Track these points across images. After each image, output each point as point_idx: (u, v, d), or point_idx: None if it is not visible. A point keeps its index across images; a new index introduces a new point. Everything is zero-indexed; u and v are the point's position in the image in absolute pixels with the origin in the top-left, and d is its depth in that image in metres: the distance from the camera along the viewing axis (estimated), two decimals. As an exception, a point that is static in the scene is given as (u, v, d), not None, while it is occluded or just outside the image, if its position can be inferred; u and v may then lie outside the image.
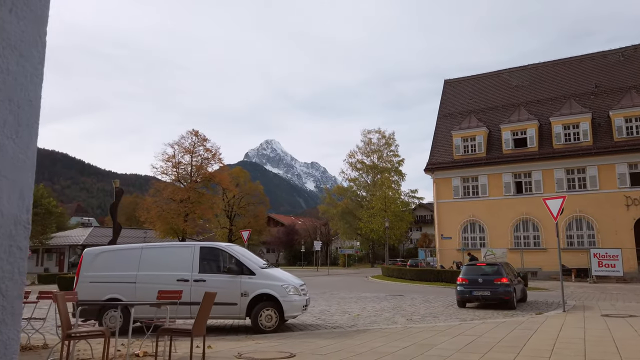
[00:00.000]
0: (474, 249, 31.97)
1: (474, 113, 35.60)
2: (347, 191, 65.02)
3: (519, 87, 35.80)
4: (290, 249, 76.72)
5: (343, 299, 19.32)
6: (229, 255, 10.51)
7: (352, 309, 15.13)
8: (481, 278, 15.29)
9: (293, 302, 10.16)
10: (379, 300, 18.30)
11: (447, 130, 35.55)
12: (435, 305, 16.30)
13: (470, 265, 16.31)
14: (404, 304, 16.75)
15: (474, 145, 33.60)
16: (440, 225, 33.66)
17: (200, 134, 55.74)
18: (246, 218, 60.20)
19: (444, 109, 37.71)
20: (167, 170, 54.25)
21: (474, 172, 32.98)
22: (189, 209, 51.42)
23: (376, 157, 63.95)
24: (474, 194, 32.95)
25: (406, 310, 14.90)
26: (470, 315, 13.62)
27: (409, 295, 20.95)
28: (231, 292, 10.17)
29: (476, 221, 32.59)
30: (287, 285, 10.25)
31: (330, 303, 17.36)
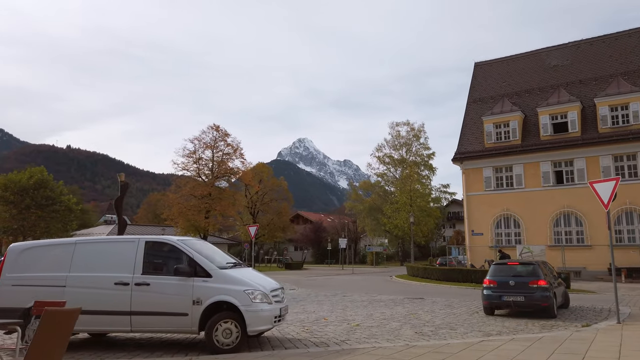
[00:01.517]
0: (507, 247, 28.87)
1: (507, 97, 32.37)
2: (374, 186, 62.23)
3: (558, 67, 32.35)
4: (318, 246, 74.56)
5: (353, 302, 16.92)
6: (180, 252, 8.30)
7: (356, 316, 12.72)
8: (513, 280, 12.58)
9: (259, 312, 7.86)
10: (392, 305, 15.81)
11: (478, 116, 32.47)
12: (458, 312, 13.68)
13: (499, 265, 13.58)
14: (420, 310, 14.21)
15: (508, 131, 30.43)
16: (470, 220, 30.67)
17: (222, 128, 54.27)
18: (269, 215, 58.32)
19: (474, 94, 34.59)
20: (188, 166, 53.01)
21: (508, 161, 29.83)
22: (210, 206, 49.96)
23: (405, 151, 60.95)
24: (508, 186, 29.80)
25: (420, 318, 12.37)
26: (498, 326, 10.98)
27: (430, 298, 18.36)
28: (180, 299, 7.97)
29: (510, 215, 29.46)
30: (252, 291, 7.95)
31: (334, 308, 14.99)
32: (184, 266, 8.08)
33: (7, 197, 43.12)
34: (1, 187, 43.73)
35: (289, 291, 22.82)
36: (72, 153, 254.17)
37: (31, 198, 43.53)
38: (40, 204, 43.78)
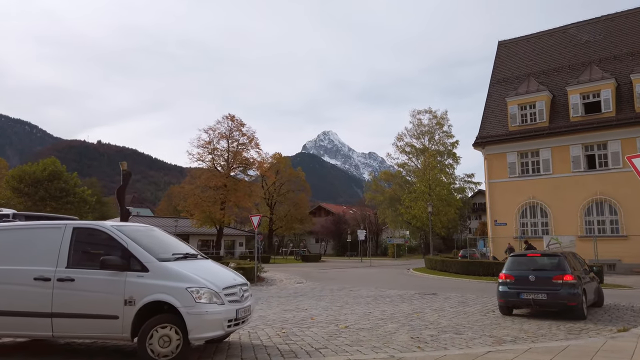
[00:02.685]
0: (534, 237, 26.66)
1: (533, 76, 29.93)
2: (395, 177, 60.09)
3: (590, 42, 29.72)
4: (339, 239, 72.94)
5: (356, 298, 15.30)
6: (114, 241, 6.81)
7: (351, 316, 11.08)
8: (533, 275, 10.71)
9: (204, 315, 6.31)
10: (399, 302, 14.11)
11: (501, 97, 30.15)
12: (470, 311, 11.89)
13: (517, 257, 11.68)
14: (428, 308, 12.47)
15: (534, 113, 28.07)
16: (493, 209, 28.51)
17: (237, 118, 53.06)
18: (286, 206, 56.96)
19: (498, 74, 32.21)
20: (203, 156, 52.03)
21: (534, 145, 27.52)
22: (225, 197, 48.88)
23: (427, 139, 58.57)
24: (535, 172, 27.52)
25: (424, 318, 10.65)
26: (514, 330, 9.19)
27: (444, 293, 16.58)
28: (109, 299, 6.48)
29: (537, 204, 27.21)
30: (197, 289, 6.40)
31: (332, 305, 13.38)
32: (113, 257, 6.57)
33: (21, 189, 42.96)
34: (16, 179, 43.60)
35: (295, 285, 21.39)
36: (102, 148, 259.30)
37: (45, 190, 43.27)
38: (54, 195, 43.48)
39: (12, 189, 42.77)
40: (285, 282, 23.41)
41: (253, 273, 22.01)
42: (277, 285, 21.57)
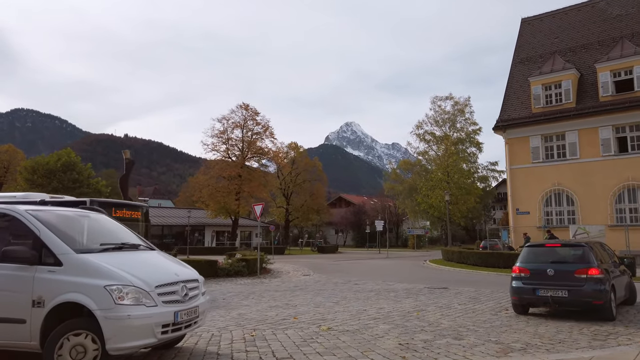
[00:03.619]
0: (559, 227, 24.81)
1: (559, 53, 27.81)
2: (414, 166, 58.12)
3: (621, 16, 27.39)
4: (358, 230, 71.56)
5: (357, 292, 13.98)
6: (24, 227, 5.63)
7: (340, 314, 9.76)
8: (552, 268, 9.18)
9: (126, 320, 5.08)
10: (403, 297, 12.72)
11: (524, 77, 28.13)
12: (480, 309, 10.43)
13: (534, 247, 10.12)
14: (432, 305, 11.06)
15: (559, 93, 26.02)
16: (515, 197, 26.66)
17: (251, 107, 52.01)
18: (302, 196, 55.75)
19: (520, 53, 30.11)
20: (217, 146, 51.21)
21: (560, 128, 25.52)
22: (239, 187, 47.97)
23: (448, 127, 56.34)
24: (560, 156, 25.54)
25: (424, 318, 9.26)
26: (528, 333, 7.72)
27: (456, 287, 15.11)
28: (14, 298, 5.32)
29: (562, 191, 25.25)
30: (119, 287, 5.18)
31: (327, 300, 12.09)
32: (19, 248, 5.39)
33: (35, 180, 42.83)
34: (29, 170, 43.52)
35: (300, 277, 20.19)
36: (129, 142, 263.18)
37: (58, 180, 43.07)
38: (67, 186, 43.21)
39: (26, 180, 42.72)
40: (291, 274, 22.25)
41: (256, 265, 20.91)
42: (281, 278, 20.40)
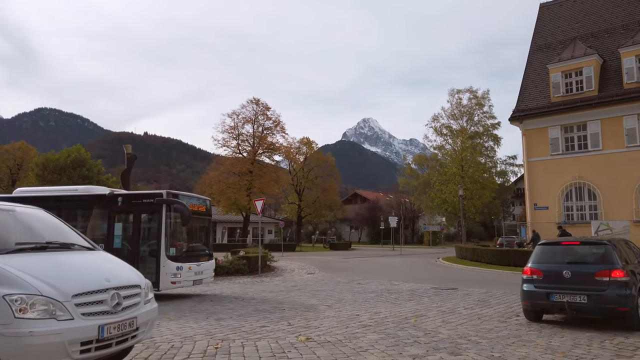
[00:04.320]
0: (580, 223, 23.33)
1: (580, 39, 26.19)
2: (429, 161, 56.62)
3: (648, -2, 25.63)
4: (373, 226, 70.33)
5: (357, 294, 12.95)
6: None
7: (329, 320, 8.74)
8: (569, 269, 8.00)
9: (28, 338, 4.12)
10: (404, 300, 11.65)
11: (542, 65, 26.58)
12: (488, 315, 9.30)
13: (548, 246, 8.93)
14: (436, 309, 9.97)
15: (581, 80, 24.45)
16: (533, 191, 25.19)
17: (262, 102, 51.19)
18: (315, 192, 54.76)
19: (539, 40, 28.51)
20: (228, 142, 50.54)
21: (581, 118, 23.96)
22: (250, 183, 47.22)
23: (465, 121, 54.65)
24: (581, 148, 24.00)
25: (422, 326, 8.18)
26: (540, 347, 6.58)
27: (466, 288, 13.97)
28: None
29: (584, 184, 23.72)
30: (22, 297, 4.22)
31: (322, 303, 11.09)
32: None
33: (45, 177, 42.70)
34: (40, 167, 43.41)
35: (303, 276, 19.23)
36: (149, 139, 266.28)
37: (68, 177, 42.84)
38: (77, 183, 42.95)
39: (36, 176, 42.63)
40: (295, 272, 21.31)
41: (257, 263, 19.99)
42: (283, 276, 19.46)
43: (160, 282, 11.51)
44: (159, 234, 11.74)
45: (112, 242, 12.07)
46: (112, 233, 12.17)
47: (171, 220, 11.94)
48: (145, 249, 12.05)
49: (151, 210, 12.05)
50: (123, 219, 12.40)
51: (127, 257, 11.89)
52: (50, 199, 13.02)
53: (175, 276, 11.71)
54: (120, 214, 12.39)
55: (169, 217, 11.85)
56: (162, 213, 11.76)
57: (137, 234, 12.13)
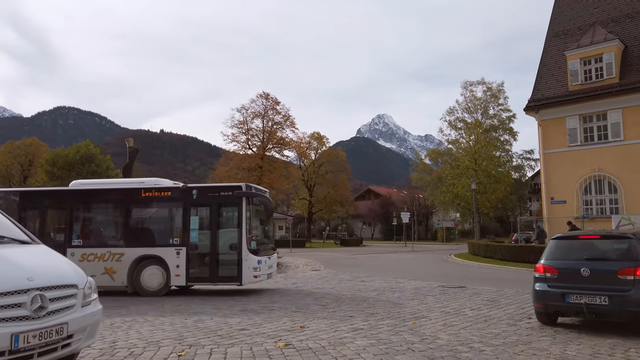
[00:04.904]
0: (600, 218, 22.12)
1: (599, 24, 24.85)
2: (443, 155, 55.29)
3: (673, -21, 24.19)
4: (386, 222, 69.28)
5: (356, 292, 12.18)
6: None
7: (318, 322, 7.91)
8: (588, 267, 7.02)
9: None
10: (407, 299, 10.79)
11: (560, 52, 25.31)
12: (496, 316, 8.38)
13: (563, 240, 7.95)
14: (439, 310, 9.08)
15: (600, 67, 23.15)
16: (549, 184, 24.00)
17: (272, 96, 50.51)
18: (325, 188, 53.93)
19: (556, 26, 27.20)
20: (237, 137, 49.99)
21: (600, 107, 22.69)
22: (260, 179, 46.58)
23: (480, 114, 53.17)
24: (601, 138, 22.73)
25: (420, 330, 7.31)
26: (553, 358, 5.66)
27: (475, 286, 13.04)
28: None
29: (604, 177, 22.48)
30: None
31: (318, 302, 10.30)
32: None
33: (54, 173, 42.57)
34: (49, 163, 43.29)
35: (306, 273, 18.44)
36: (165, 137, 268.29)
37: (77, 173, 42.61)
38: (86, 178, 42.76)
39: (46, 172, 42.53)
40: (299, 269, 20.57)
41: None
42: (285, 273, 18.71)
43: (243, 276, 11.52)
44: (240, 227, 11.64)
45: (188, 236, 11.87)
46: (187, 227, 11.94)
47: (250, 213, 11.92)
48: (225, 243, 11.92)
49: (230, 203, 11.93)
50: (199, 212, 12.17)
51: (206, 251, 11.85)
52: (115, 192, 12.84)
53: (256, 270, 11.75)
54: (196, 207, 12.13)
55: (249, 210, 11.83)
56: (241, 206, 11.71)
57: (215, 227, 11.97)
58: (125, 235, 12.43)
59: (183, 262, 11.67)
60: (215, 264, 11.74)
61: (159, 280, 11.78)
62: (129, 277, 11.87)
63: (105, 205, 13.04)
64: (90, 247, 12.12)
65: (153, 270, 11.81)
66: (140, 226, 12.82)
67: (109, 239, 12.57)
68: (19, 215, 12.22)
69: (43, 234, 12.26)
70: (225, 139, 49.89)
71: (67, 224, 12.42)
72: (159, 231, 12.48)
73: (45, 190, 14.36)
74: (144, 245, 12.07)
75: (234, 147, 50.99)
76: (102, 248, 12.09)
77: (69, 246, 12.11)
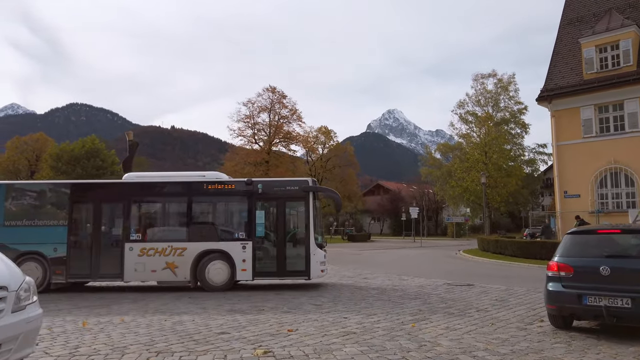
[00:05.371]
0: (616, 212, 21.15)
1: (616, 9, 23.77)
2: (454, 149, 54.23)
3: (694, -38, 23.03)
4: (395, 217, 68.42)
5: (356, 291, 11.48)
6: None
7: (308, 325, 7.23)
8: (608, 265, 6.24)
9: None
10: (409, 298, 10.08)
11: (574, 40, 24.28)
12: (505, 318, 7.63)
13: (580, 235, 7.16)
14: (442, 311, 8.35)
15: (617, 55, 22.10)
16: (563, 178, 23.03)
17: (278, 90, 49.83)
18: (333, 182, 53.19)
19: (570, 13, 26.12)
20: (243, 131, 49.42)
21: (617, 96, 21.66)
22: (266, 174, 45.97)
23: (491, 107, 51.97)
24: (617, 129, 21.70)
25: (420, 334, 6.59)
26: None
27: (484, 284, 12.30)
28: None
29: (620, 169, 21.47)
30: None
31: (313, 301, 9.62)
32: None
33: (59, 168, 42.32)
34: (54, 157, 43.07)
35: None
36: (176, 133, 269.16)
37: (82, 167, 42.36)
38: (90, 173, 42.48)
39: (50, 167, 42.30)
40: (302, 265, 19.84)
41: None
42: (286, 269, 18.00)
43: (311, 271, 11.62)
44: (307, 221, 11.74)
45: (254, 231, 11.77)
46: (253, 221, 11.84)
47: (316, 207, 11.98)
48: (292, 237, 11.98)
49: (296, 197, 11.97)
50: (264, 206, 12.12)
51: (273, 245, 11.89)
52: (177, 185, 12.55)
53: (323, 264, 11.88)
54: (261, 201, 12.06)
55: (315, 204, 11.92)
56: (309, 200, 11.81)
57: (282, 221, 11.96)
58: (188, 230, 12.08)
59: (249, 256, 11.58)
60: (282, 259, 11.72)
61: (224, 275, 11.60)
62: (192, 272, 11.58)
63: (166, 199, 12.70)
64: (150, 242, 11.79)
65: (219, 265, 11.62)
66: (203, 220, 12.55)
67: (171, 233, 12.22)
68: (70, 209, 11.85)
69: (97, 228, 11.89)
70: (232, 133, 49.32)
71: (124, 217, 11.98)
72: (224, 225, 12.37)
73: (99, 183, 13.89)
74: (208, 240, 11.85)
75: (240, 141, 50.49)
76: (163, 242, 11.75)
77: (127, 240, 11.75)
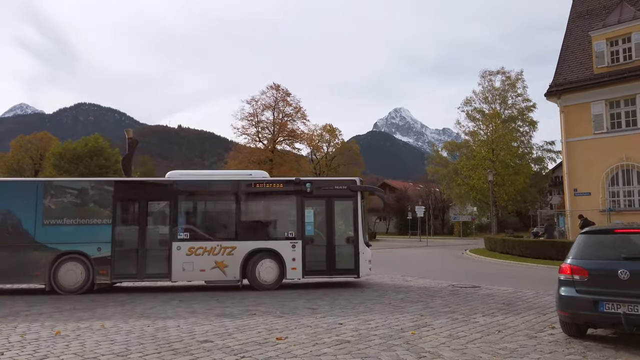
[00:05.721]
0: (628, 210, 20.46)
1: (627, 1, 23.03)
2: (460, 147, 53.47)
3: None
4: (401, 216, 67.77)
5: (355, 293, 10.99)
6: None
7: (299, 332, 6.72)
8: (626, 268, 5.66)
9: None
10: (411, 301, 9.55)
11: (584, 33, 23.57)
12: (512, 325, 7.08)
13: (595, 235, 6.58)
14: (445, 316, 7.81)
15: (629, 48, 21.38)
16: (572, 175, 22.35)
17: (282, 87, 49.29)
18: (338, 181, 52.67)
19: (579, 6, 25.40)
20: (247, 130, 48.98)
21: (629, 90, 20.94)
22: (270, 172, 45.52)
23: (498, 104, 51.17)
24: (629, 125, 20.99)
25: (419, 343, 6.06)
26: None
27: (490, 286, 11.75)
28: None
29: (632, 166, 20.76)
30: None
31: (310, 304, 9.11)
32: None
33: (62, 166, 42.09)
34: (57, 156, 42.85)
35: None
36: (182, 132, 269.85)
37: (85, 166, 42.10)
38: (93, 172, 42.20)
39: (53, 166, 42.09)
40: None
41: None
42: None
43: (361, 269, 11.82)
44: (356, 220, 11.92)
45: (303, 229, 11.86)
46: (302, 220, 11.92)
47: (363, 206, 12.15)
48: (341, 236, 12.09)
49: (344, 196, 12.08)
50: (313, 205, 12.21)
51: (322, 244, 11.94)
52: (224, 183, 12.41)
53: (370, 262, 12.09)
54: (310, 200, 12.12)
55: (362, 203, 12.07)
56: (357, 199, 11.97)
57: (330, 220, 12.05)
58: (237, 228, 11.93)
59: (299, 255, 11.64)
60: (332, 257, 11.83)
61: (274, 273, 11.60)
62: (241, 271, 11.43)
63: (213, 197, 12.53)
64: (198, 241, 11.60)
65: (269, 264, 11.60)
66: (252, 219, 12.34)
67: (219, 232, 12.02)
68: (114, 207, 11.57)
69: (142, 226, 11.60)
70: (236, 131, 48.90)
71: (170, 216, 11.73)
72: (273, 224, 12.38)
73: (144, 181, 13.54)
74: (257, 239, 11.83)
75: (244, 140, 50.08)
76: (212, 241, 11.62)
77: (175, 240, 11.51)
